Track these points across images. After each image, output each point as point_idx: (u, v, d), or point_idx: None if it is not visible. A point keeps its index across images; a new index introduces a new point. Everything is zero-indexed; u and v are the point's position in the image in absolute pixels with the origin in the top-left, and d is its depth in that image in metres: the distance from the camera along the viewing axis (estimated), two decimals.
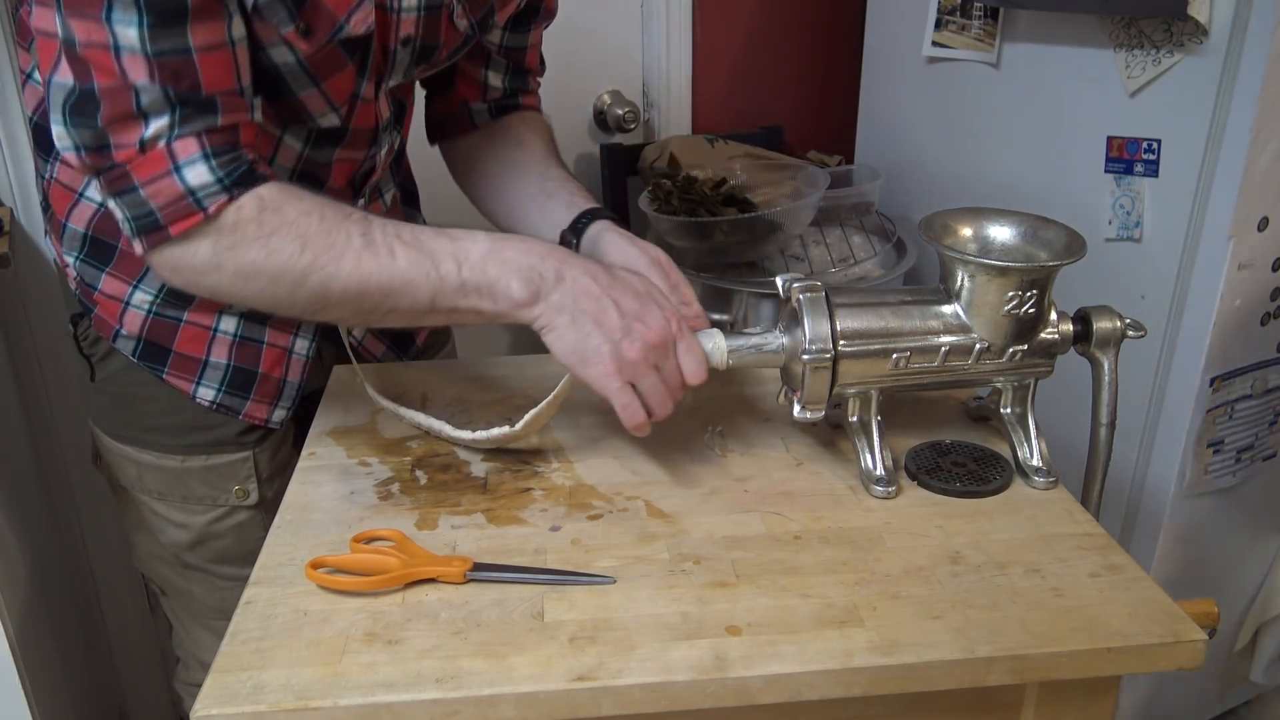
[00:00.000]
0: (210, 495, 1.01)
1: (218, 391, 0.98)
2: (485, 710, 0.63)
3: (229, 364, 0.98)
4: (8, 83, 1.38)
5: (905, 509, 0.81)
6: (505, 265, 0.78)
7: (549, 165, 1.05)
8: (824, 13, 1.97)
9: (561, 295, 0.78)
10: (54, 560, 1.58)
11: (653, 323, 0.78)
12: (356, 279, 0.78)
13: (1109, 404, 0.85)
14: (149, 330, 0.96)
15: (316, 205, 0.79)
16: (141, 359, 0.97)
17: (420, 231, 0.80)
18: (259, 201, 0.77)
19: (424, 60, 0.93)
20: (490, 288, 0.78)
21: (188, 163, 0.75)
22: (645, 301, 0.79)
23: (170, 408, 0.98)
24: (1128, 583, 0.72)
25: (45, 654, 1.34)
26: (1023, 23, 1.46)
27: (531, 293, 0.78)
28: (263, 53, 0.80)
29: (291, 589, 0.72)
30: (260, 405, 1.00)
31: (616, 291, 0.78)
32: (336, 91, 0.87)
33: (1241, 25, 1.19)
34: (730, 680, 0.64)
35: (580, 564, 0.74)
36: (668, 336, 0.78)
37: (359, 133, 0.93)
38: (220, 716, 0.61)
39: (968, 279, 0.81)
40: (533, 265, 0.78)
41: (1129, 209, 1.36)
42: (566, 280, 0.78)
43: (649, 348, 0.77)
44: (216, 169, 0.76)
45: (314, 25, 0.79)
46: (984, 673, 0.65)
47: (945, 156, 1.68)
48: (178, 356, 0.97)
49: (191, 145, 0.75)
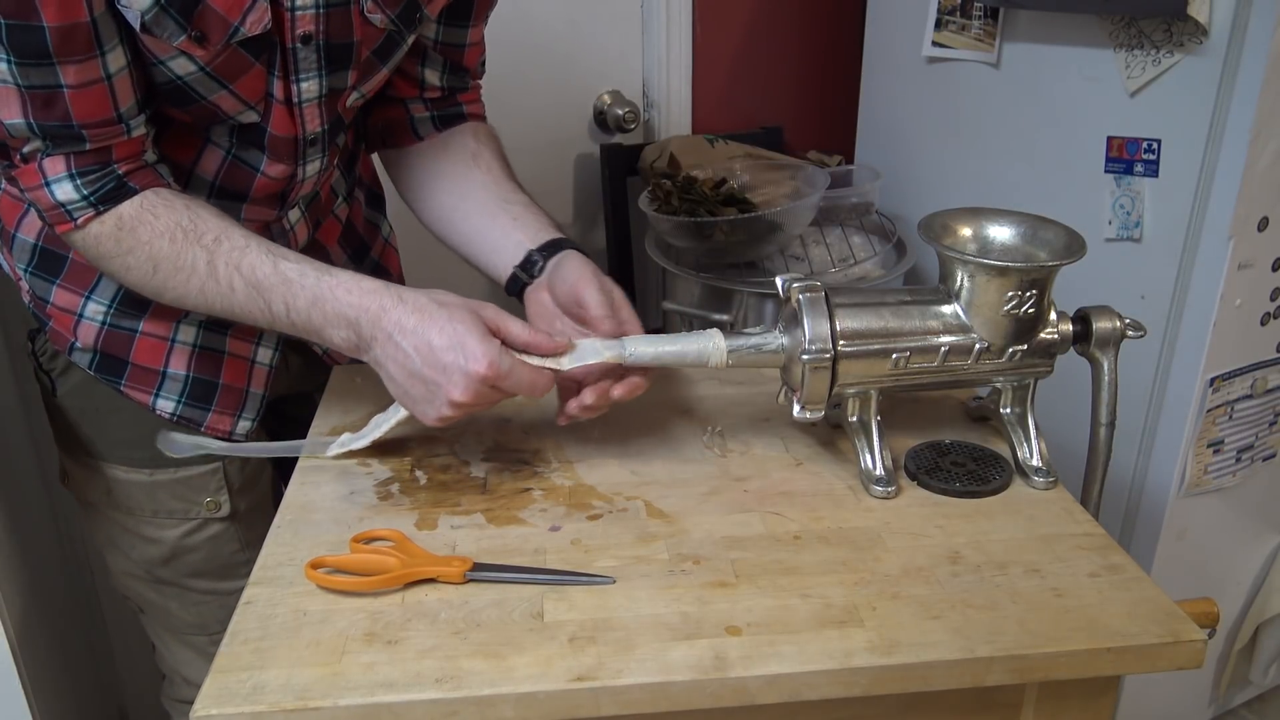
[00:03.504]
0: (181, 509, 1.00)
1: (177, 404, 0.97)
2: (485, 710, 0.63)
3: (188, 375, 0.97)
4: None
5: (905, 509, 0.81)
6: (327, 317, 0.80)
7: (511, 189, 1.01)
8: (824, 13, 1.97)
9: (374, 354, 0.80)
10: (54, 560, 1.58)
11: (456, 382, 0.76)
12: (203, 304, 0.83)
13: (1109, 404, 0.85)
14: (104, 342, 0.95)
15: (170, 225, 0.81)
16: (98, 371, 0.96)
17: (259, 263, 0.81)
18: (118, 220, 0.82)
19: (339, 60, 0.88)
20: (317, 334, 0.81)
21: (55, 180, 0.80)
22: (453, 355, 0.76)
23: (133, 420, 0.96)
24: (1127, 583, 0.72)
25: (45, 654, 1.34)
26: (1023, 23, 1.46)
27: (351, 345, 0.80)
28: (161, 67, 0.81)
29: (291, 589, 0.72)
30: (223, 417, 0.98)
31: (424, 350, 0.77)
32: (248, 91, 0.85)
33: (1241, 25, 1.19)
34: (730, 680, 0.64)
35: (580, 564, 0.74)
36: (478, 391, 0.77)
37: (279, 139, 0.90)
38: (220, 716, 0.61)
39: (967, 279, 0.81)
40: (350, 319, 0.79)
41: (1129, 209, 1.36)
42: (378, 341, 0.79)
43: (461, 405, 0.78)
44: (82, 187, 0.81)
45: (207, 31, 0.78)
46: (984, 673, 0.65)
47: (945, 156, 1.68)
48: (135, 368, 0.96)
49: (59, 164, 0.80)
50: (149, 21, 0.76)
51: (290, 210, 0.98)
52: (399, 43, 0.93)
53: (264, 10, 0.80)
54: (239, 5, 0.78)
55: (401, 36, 0.92)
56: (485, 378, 0.76)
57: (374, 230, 1.16)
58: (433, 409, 0.78)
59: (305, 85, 0.87)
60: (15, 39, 0.72)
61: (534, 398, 0.80)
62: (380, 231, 1.17)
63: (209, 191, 0.92)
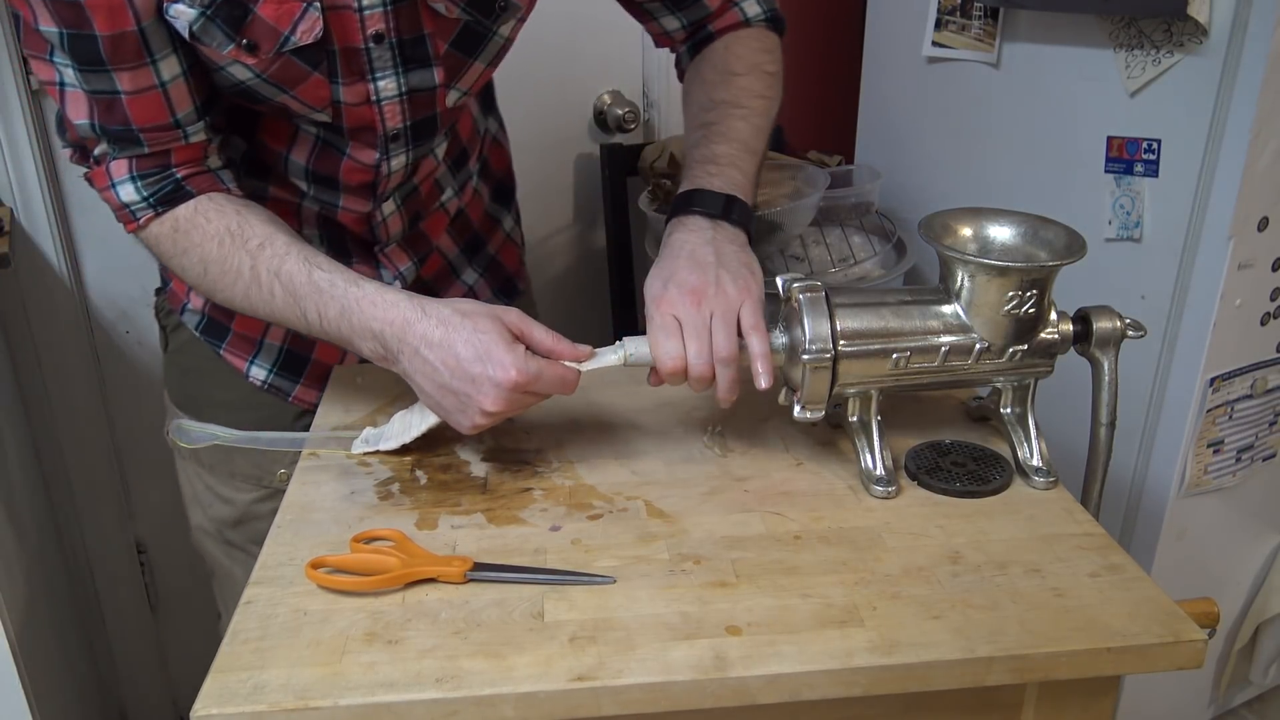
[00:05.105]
0: (255, 475, 1.03)
1: (269, 372, 1.02)
2: (485, 710, 0.63)
3: (283, 346, 1.01)
4: (8, 83, 1.38)
5: (905, 509, 0.81)
6: (354, 329, 0.81)
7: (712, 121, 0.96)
8: (824, 13, 1.97)
9: (403, 367, 0.81)
10: (54, 560, 1.58)
11: (486, 391, 0.77)
12: (249, 307, 0.86)
13: (1109, 404, 0.85)
14: (211, 306, 1.01)
15: (220, 230, 0.84)
16: (204, 334, 1.02)
17: (296, 271, 0.82)
18: (174, 222, 0.86)
19: (415, 57, 0.88)
20: (348, 343, 0.83)
21: (120, 181, 0.85)
22: (480, 366, 0.77)
23: (227, 383, 1.02)
24: (1128, 583, 0.72)
25: (45, 654, 1.34)
26: (1023, 23, 1.46)
27: (379, 357, 0.81)
28: (222, 73, 0.83)
29: (291, 589, 0.72)
30: (310, 389, 1.02)
31: (451, 362, 0.77)
32: (312, 98, 0.86)
33: (1241, 25, 1.19)
34: (730, 680, 0.64)
35: (580, 564, 0.74)
36: (508, 399, 0.77)
37: (359, 132, 0.91)
38: (220, 716, 0.61)
39: (968, 279, 0.81)
40: (376, 331, 0.80)
41: (1129, 209, 1.36)
42: (405, 354, 0.80)
43: (492, 414, 0.78)
44: (142, 189, 0.85)
45: (257, 40, 0.80)
46: (984, 673, 0.65)
47: (945, 156, 1.68)
48: (236, 335, 1.01)
49: (123, 167, 0.85)
50: (197, 31, 0.79)
51: (384, 203, 0.99)
52: (483, 34, 0.91)
53: (315, 20, 0.81)
54: (289, 15, 0.80)
55: (483, 26, 0.90)
56: (516, 384, 0.76)
57: (493, 224, 1.16)
58: (466, 419, 0.80)
59: (383, 84, 0.88)
60: (74, 47, 0.77)
61: (565, 395, 0.81)
62: (502, 226, 1.18)
63: (305, 177, 0.95)
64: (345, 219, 0.99)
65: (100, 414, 1.61)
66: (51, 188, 1.47)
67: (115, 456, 1.65)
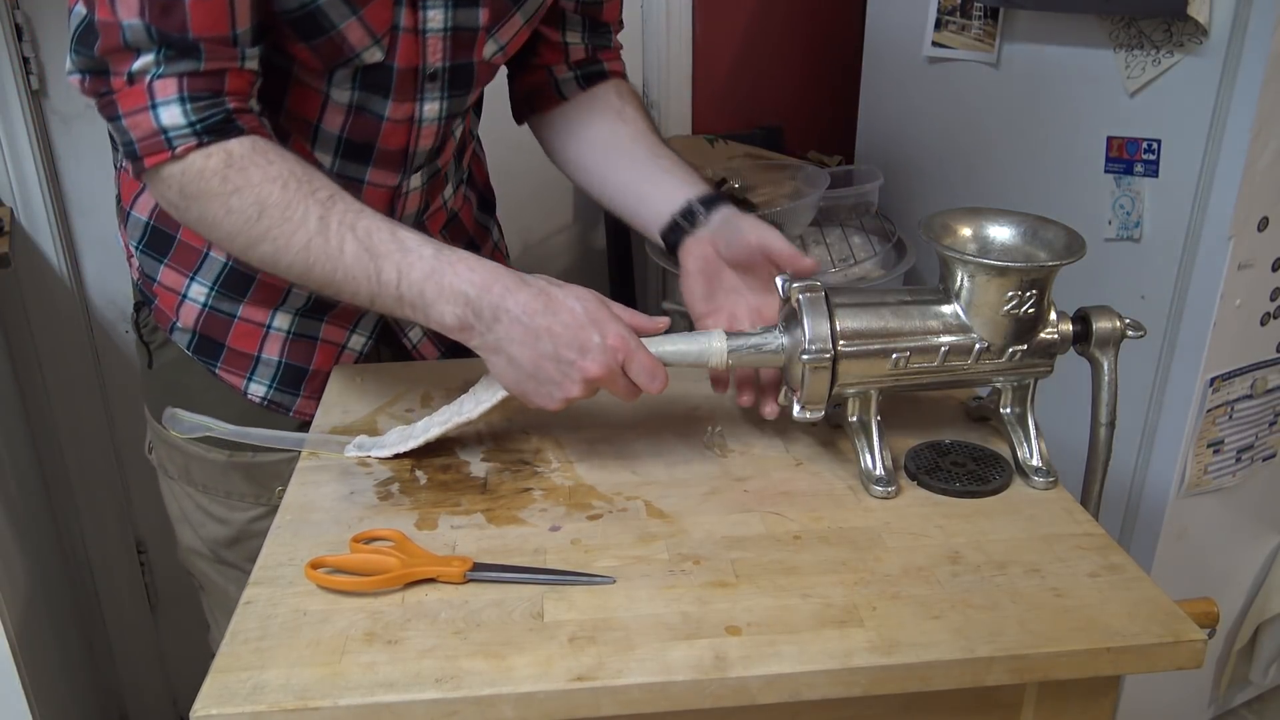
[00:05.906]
0: (253, 493, 1.02)
1: (268, 388, 1.00)
2: (485, 710, 0.63)
3: (281, 361, 0.99)
4: (8, 83, 1.38)
5: (905, 509, 0.81)
6: (442, 291, 0.77)
7: (655, 142, 1.02)
8: (824, 13, 1.97)
9: (496, 336, 0.78)
10: (54, 560, 1.58)
11: (594, 357, 0.76)
12: (303, 260, 0.79)
13: (1109, 404, 0.85)
14: (203, 325, 0.98)
15: (284, 172, 0.79)
16: (196, 353, 0.99)
17: (376, 228, 0.79)
18: (227, 156, 0.78)
19: None
20: (424, 309, 0.78)
21: (164, 102, 0.77)
22: (588, 331, 0.76)
23: (221, 402, 0.98)
24: (1127, 583, 0.72)
25: (45, 654, 1.34)
26: (1023, 23, 1.46)
27: (463, 325, 0.78)
28: None
29: (291, 589, 0.72)
30: (311, 402, 1.00)
31: (557, 329, 0.76)
32: (376, 20, 0.84)
33: (1241, 25, 1.19)
34: (730, 680, 0.64)
35: (580, 564, 0.74)
36: (611, 366, 0.77)
37: (403, 72, 0.89)
38: (220, 716, 0.61)
39: (967, 279, 0.81)
40: (470, 297, 0.77)
41: (1129, 209, 1.36)
42: (502, 321, 0.77)
43: (590, 382, 0.77)
44: (190, 113, 0.77)
45: None
46: (984, 673, 0.65)
47: (945, 156, 1.68)
48: (230, 352, 0.99)
49: (170, 86, 0.77)
50: None
51: (412, 175, 0.98)
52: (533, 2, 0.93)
53: None
54: None
55: None
56: (618, 349, 0.76)
57: (484, 232, 1.17)
58: (560, 390, 0.78)
59: (431, 14, 0.87)
60: None
61: (651, 393, 0.79)
62: (491, 235, 1.18)
63: (336, 147, 0.93)
64: (368, 195, 0.96)
65: (100, 414, 1.61)
66: (51, 188, 1.47)
67: (115, 456, 1.65)
